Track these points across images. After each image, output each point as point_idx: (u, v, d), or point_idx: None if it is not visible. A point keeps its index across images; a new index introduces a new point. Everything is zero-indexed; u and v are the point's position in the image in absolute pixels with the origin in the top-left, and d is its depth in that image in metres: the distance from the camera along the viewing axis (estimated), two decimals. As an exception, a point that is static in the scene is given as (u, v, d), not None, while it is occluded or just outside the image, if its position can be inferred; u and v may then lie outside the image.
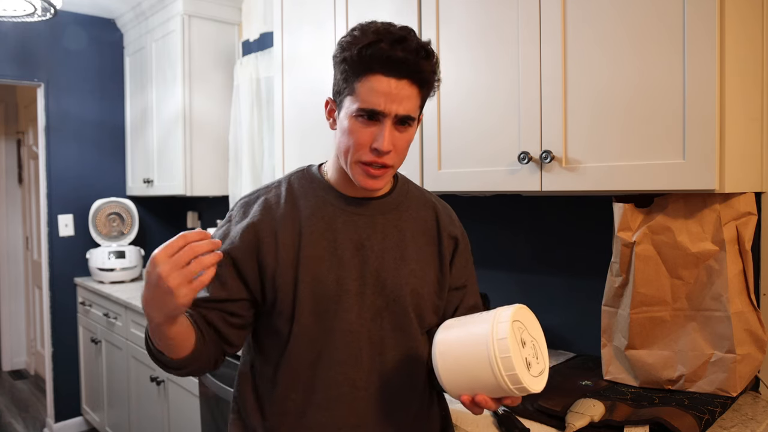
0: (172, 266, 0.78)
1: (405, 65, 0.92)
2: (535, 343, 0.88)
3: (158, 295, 0.80)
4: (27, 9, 2.28)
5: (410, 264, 1.04)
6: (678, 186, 1.09)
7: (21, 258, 4.65)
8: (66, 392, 3.30)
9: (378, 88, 0.92)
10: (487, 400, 0.85)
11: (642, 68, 1.14)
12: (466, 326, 0.88)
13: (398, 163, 1.00)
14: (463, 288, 1.13)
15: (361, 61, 0.93)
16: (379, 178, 0.98)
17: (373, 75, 0.93)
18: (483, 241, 1.86)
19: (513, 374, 0.81)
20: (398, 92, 0.93)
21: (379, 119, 0.94)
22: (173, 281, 0.78)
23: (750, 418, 1.16)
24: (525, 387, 0.81)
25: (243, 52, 2.87)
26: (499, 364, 0.81)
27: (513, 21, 1.35)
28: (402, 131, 0.97)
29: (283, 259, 0.99)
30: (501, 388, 0.82)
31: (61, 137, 3.24)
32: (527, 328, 0.87)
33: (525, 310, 0.88)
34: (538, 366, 0.86)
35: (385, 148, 0.94)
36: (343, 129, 0.98)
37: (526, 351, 0.85)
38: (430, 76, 0.96)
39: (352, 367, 1.00)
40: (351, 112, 0.96)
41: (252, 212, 1.03)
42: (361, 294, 1.00)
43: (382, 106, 0.93)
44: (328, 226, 1.02)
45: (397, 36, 0.93)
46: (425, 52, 0.94)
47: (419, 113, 1.00)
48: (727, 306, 1.17)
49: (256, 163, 2.73)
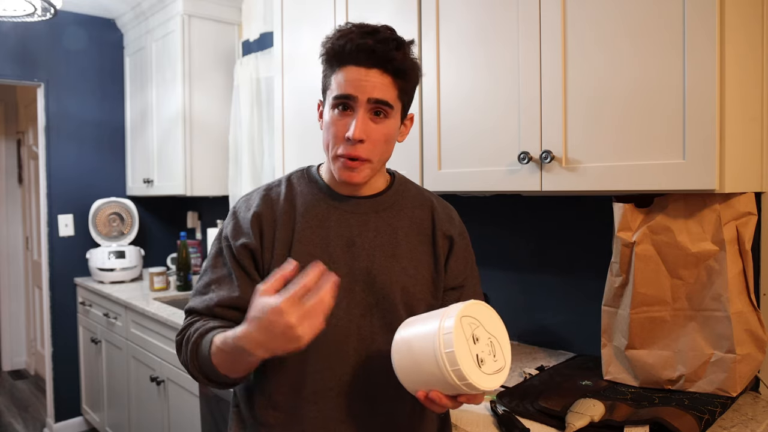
0: (302, 315, 0.78)
1: (374, 54, 0.95)
2: (493, 340, 0.87)
3: (281, 342, 0.80)
4: (27, 9, 2.28)
5: (402, 262, 1.05)
6: (678, 186, 1.09)
7: (21, 258, 4.65)
8: (66, 392, 3.30)
9: (349, 77, 0.96)
10: (441, 397, 0.85)
11: (642, 67, 1.14)
12: (421, 323, 0.88)
13: (376, 156, 1.00)
14: (460, 288, 1.13)
15: (334, 54, 0.97)
16: (356, 170, 0.99)
17: (345, 66, 0.96)
18: (483, 241, 1.86)
19: (457, 369, 0.80)
20: (369, 79, 0.95)
21: (353, 107, 0.96)
22: (303, 330, 0.78)
23: (750, 418, 1.16)
24: (472, 383, 0.80)
25: (243, 52, 2.87)
26: (444, 359, 0.80)
27: (513, 21, 1.35)
28: (378, 122, 0.98)
29: (277, 254, 1.01)
30: (449, 385, 0.82)
31: (61, 137, 3.24)
32: (483, 325, 0.86)
33: (482, 306, 0.88)
34: (495, 364, 0.85)
35: (355, 135, 0.95)
36: (326, 123, 1.01)
37: (478, 347, 0.83)
38: (403, 65, 0.97)
39: (340, 362, 1.01)
40: (329, 104, 0.99)
41: (255, 205, 1.05)
42: (350, 290, 1.01)
43: (353, 91, 0.95)
44: (321, 223, 1.03)
45: (368, 29, 0.96)
46: (396, 43, 0.96)
47: (402, 107, 1.01)
48: (727, 306, 1.17)
49: (256, 163, 2.73)
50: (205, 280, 1.04)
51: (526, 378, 1.41)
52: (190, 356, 0.96)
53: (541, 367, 1.48)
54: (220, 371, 0.92)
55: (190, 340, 0.97)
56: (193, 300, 1.04)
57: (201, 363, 0.95)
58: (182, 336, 1.01)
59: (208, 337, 0.94)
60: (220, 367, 0.92)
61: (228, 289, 1.01)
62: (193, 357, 0.96)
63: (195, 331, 0.97)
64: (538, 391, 1.26)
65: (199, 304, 1.02)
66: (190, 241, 3.26)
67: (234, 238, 1.03)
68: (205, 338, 0.95)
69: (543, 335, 1.72)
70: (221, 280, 1.02)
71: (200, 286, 1.04)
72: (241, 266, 1.01)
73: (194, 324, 1.00)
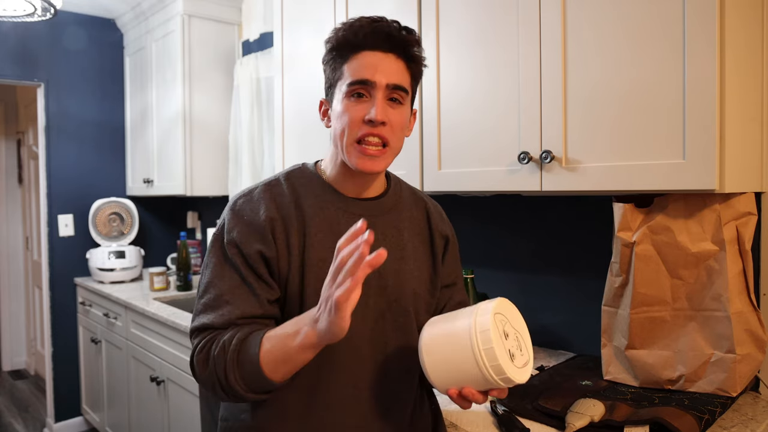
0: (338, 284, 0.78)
1: (389, 38, 0.95)
2: (518, 335, 0.90)
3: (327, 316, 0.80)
4: (27, 9, 2.28)
5: (409, 264, 1.05)
6: (678, 186, 1.09)
7: (21, 258, 4.65)
8: (66, 392, 3.30)
9: (366, 61, 0.95)
10: (474, 393, 0.86)
11: (641, 67, 1.14)
12: (450, 321, 0.89)
13: (395, 142, 0.98)
14: (452, 285, 1.14)
15: (346, 42, 0.96)
16: (378, 158, 0.96)
17: (359, 52, 0.96)
18: (483, 241, 1.86)
19: (497, 365, 0.82)
20: (386, 64, 0.95)
21: (371, 92, 0.95)
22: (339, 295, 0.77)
23: (750, 418, 1.16)
24: (509, 377, 0.83)
25: (243, 52, 2.87)
26: (482, 355, 0.82)
27: (513, 21, 1.35)
28: (395, 107, 0.97)
29: (294, 264, 0.97)
30: (486, 380, 0.84)
31: (61, 137, 3.24)
32: (510, 321, 0.89)
33: (507, 303, 0.90)
34: (522, 357, 0.88)
35: (378, 117, 0.93)
36: (337, 114, 0.98)
37: (509, 343, 0.86)
38: (415, 51, 0.98)
39: (355, 368, 1.00)
40: (343, 93, 0.97)
41: (264, 207, 0.99)
42: (364, 296, 0.99)
43: (372, 76, 0.94)
44: (331, 229, 1.00)
45: (376, 17, 0.97)
46: (405, 30, 0.97)
47: (411, 95, 1.01)
48: (727, 306, 1.17)
49: (256, 163, 2.74)
50: (214, 292, 0.95)
51: (526, 378, 1.41)
52: (230, 367, 0.88)
53: (541, 367, 1.48)
54: (269, 376, 0.87)
55: (228, 351, 0.89)
56: (205, 316, 0.95)
57: (247, 372, 0.88)
58: (206, 352, 0.92)
59: (254, 339, 0.88)
60: (268, 368, 0.87)
61: (247, 299, 0.94)
62: (234, 366, 0.88)
63: (231, 339, 0.90)
64: (538, 391, 1.26)
65: (217, 318, 0.93)
66: (190, 241, 3.26)
67: (245, 245, 0.95)
68: (251, 343, 0.88)
69: (543, 335, 1.72)
70: (235, 291, 0.94)
71: (210, 300, 0.95)
72: (257, 273, 0.95)
73: (219, 337, 0.92)
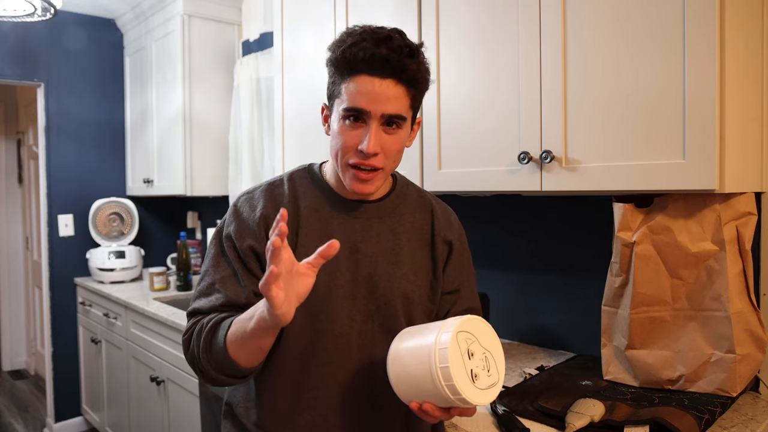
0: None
1: (388, 64, 0.91)
2: (488, 355, 0.88)
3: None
4: (27, 9, 2.28)
5: (403, 268, 1.04)
6: (678, 186, 1.09)
7: (21, 258, 4.65)
8: (66, 392, 3.30)
9: (362, 88, 0.92)
10: (434, 409, 0.85)
11: (642, 68, 1.14)
12: (418, 335, 0.89)
13: (389, 166, 0.99)
14: (456, 292, 1.12)
15: (345, 62, 0.93)
16: (369, 182, 0.97)
17: (357, 76, 0.93)
18: (483, 241, 1.86)
19: (451, 384, 0.81)
20: (383, 91, 0.92)
21: (366, 120, 0.94)
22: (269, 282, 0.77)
23: (750, 418, 1.16)
24: (464, 398, 0.81)
25: (243, 52, 2.87)
26: (438, 373, 0.82)
27: (513, 21, 1.35)
28: (391, 133, 0.95)
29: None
30: (443, 398, 0.83)
31: (61, 137, 3.24)
32: (478, 340, 0.87)
33: (478, 321, 0.88)
34: (488, 379, 0.86)
35: (369, 149, 0.93)
36: (334, 132, 0.98)
37: (473, 362, 0.85)
38: (417, 75, 0.95)
39: (341, 368, 1.00)
40: (339, 114, 0.96)
41: (261, 205, 1.02)
42: (352, 297, 1.01)
43: (367, 105, 0.92)
44: (324, 228, 1.02)
45: (382, 35, 0.92)
46: (409, 50, 0.93)
47: (412, 115, 0.99)
48: (727, 306, 1.17)
49: (256, 163, 2.74)
50: (208, 281, 1.02)
51: (526, 378, 1.41)
52: (203, 347, 0.94)
53: (541, 367, 1.48)
54: (233, 358, 0.90)
55: (203, 332, 0.95)
56: (197, 301, 1.02)
57: (215, 353, 0.93)
58: (190, 333, 0.99)
59: (224, 325, 0.92)
60: (232, 350, 0.90)
61: (234, 289, 0.99)
62: (207, 348, 0.94)
63: (207, 322, 0.96)
64: (538, 391, 1.26)
65: (205, 304, 1.00)
66: (190, 241, 3.26)
67: (239, 239, 1.01)
68: (221, 326, 0.93)
69: (543, 335, 1.72)
70: (226, 281, 1.00)
71: (203, 287, 1.02)
72: (247, 267, 1.00)
73: (203, 320, 0.98)
